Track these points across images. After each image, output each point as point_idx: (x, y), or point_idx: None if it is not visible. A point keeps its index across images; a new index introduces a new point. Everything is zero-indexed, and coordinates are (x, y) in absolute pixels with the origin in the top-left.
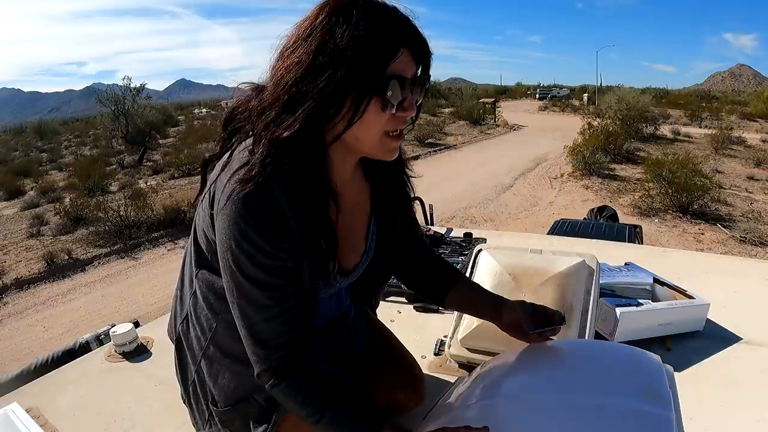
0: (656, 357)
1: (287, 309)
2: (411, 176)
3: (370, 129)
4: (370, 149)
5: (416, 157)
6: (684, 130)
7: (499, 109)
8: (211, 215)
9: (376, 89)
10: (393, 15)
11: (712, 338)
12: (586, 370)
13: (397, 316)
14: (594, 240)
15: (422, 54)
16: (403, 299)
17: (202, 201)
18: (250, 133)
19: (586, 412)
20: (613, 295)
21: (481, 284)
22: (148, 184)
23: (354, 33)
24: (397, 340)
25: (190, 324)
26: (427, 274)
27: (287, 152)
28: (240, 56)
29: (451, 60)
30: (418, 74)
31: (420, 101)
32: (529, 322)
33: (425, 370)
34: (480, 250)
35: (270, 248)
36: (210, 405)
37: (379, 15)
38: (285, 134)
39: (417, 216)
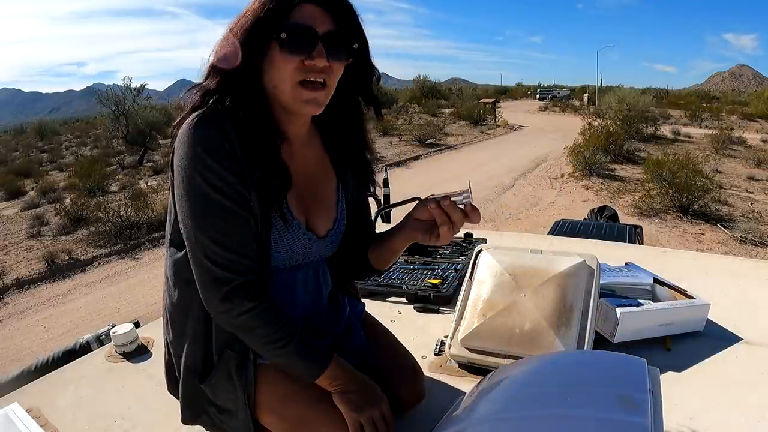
0: (639, 360)
1: (237, 229)
2: (372, 157)
3: (281, 75)
4: (286, 98)
5: (416, 158)
6: (684, 130)
7: (499, 109)
8: (171, 159)
9: (273, 34)
10: None
11: (712, 338)
12: (561, 384)
13: (397, 316)
14: (594, 240)
15: (336, 12)
16: (403, 299)
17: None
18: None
19: (555, 427)
20: (613, 295)
21: (481, 284)
22: (149, 184)
23: None
24: (397, 340)
25: (164, 313)
26: (357, 250)
27: (227, 89)
28: None
29: (451, 60)
30: (333, 31)
31: (366, 75)
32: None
33: (425, 370)
34: (480, 250)
35: (220, 169)
36: (201, 385)
37: None
38: (208, 76)
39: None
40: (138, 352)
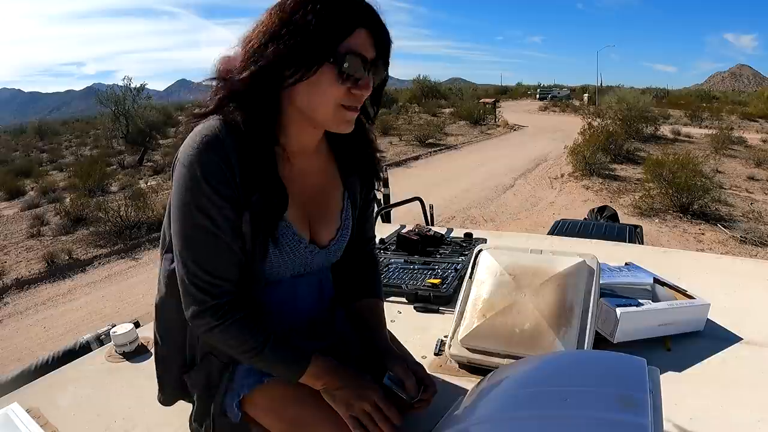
0: (639, 360)
1: (223, 255)
2: (380, 156)
3: (325, 98)
4: (324, 119)
5: (416, 158)
6: (684, 130)
7: (499, 109)
8: (174, 163)
9: (328, 58)
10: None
11: (712, 338)
12: (561, 384)
13: (397, 316)
14: (594, 240)
15: (380, 40)
16: (403, 299)
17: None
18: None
19: (555, 427)
20: (613, 295)
21: (481, 284)
22: (149, 184)
23: (317, 8)
24: (397, 340)
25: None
26: (350, 274)
27: (239, 99)
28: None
29: (451, 60)
30: (375, 59)
31: (380, 86)
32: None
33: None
34: (480, 250)
35: (215, 195)
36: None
37: None
38: (236, 78)
39: (416, 216)
40: (138, 352)
